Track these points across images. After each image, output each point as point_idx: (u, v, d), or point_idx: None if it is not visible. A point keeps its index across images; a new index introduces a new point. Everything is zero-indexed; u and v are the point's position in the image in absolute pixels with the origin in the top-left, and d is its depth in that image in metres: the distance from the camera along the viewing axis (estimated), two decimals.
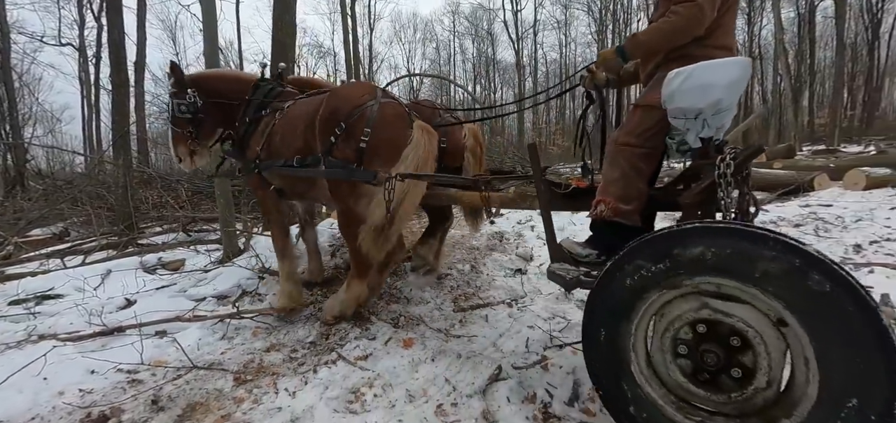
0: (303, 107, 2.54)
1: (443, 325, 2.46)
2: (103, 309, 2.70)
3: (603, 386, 1.32)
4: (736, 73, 1.38)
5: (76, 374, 1.70)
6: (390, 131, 2.16)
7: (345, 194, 2.25)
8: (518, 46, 26.73)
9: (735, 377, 1.17)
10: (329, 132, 2.21)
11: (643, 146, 1.57)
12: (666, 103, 1.46)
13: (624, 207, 1.56)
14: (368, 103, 2.21)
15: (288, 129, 2.51)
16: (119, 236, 5.47)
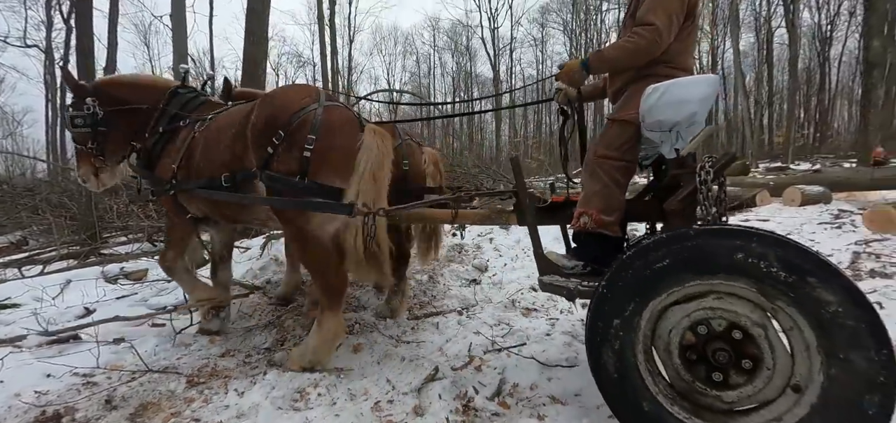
0: (229, 116, 2.24)
1: (395, 332, 2.62)
2: (61, 318, 2.75)
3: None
4: (706, 89, 1.55)
5: (32, 377, 1.79)
6: (339, 138, 1.90)
7: (294, 214, 1.96)
8: (495, 62, 27.40)
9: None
10: (265, 142, 1.91)
11: (621, 159, 1.69)
12: (644, 117, 1.59)
13: (606, 218, 1.66)
14: (310, 107, 1.93)
15: (211, 141, 2.21)
16: (81, 246, 5.42)
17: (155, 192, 2.52)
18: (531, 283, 3.40)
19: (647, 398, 1.35)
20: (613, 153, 1.70)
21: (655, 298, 1.33)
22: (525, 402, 1.69)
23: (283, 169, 1.89)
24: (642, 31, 1.62)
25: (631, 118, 1.67)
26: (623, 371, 1.36)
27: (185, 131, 2.41)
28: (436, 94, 33.06)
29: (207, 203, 2.29)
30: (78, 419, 1.56)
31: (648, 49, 1.62)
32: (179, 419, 1.58)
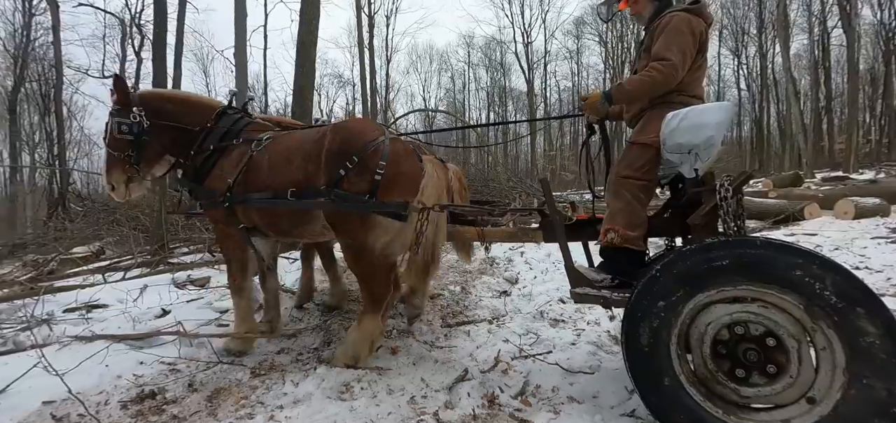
0: (298, 139, 2.46)
1: (429, 338, 2.84)
2: (143, 317, 3.20)
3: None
4: (722, 115, 1.70)
5: (129, 364, 2.16)
6: (406, 165, 2.20)
7: (356, 227, 2.17)
8: (530, 76, 27.46)
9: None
10: (338, 166, 2.16)
11: (643, 179, 1.85)
12: (665, 140, 1.74)
13: (631, 233, 1.80)
14: (380, 139, 2.21)
15: (279, 161, 2.40)
16: (152, 255, 6.08)
17: (204, 205, 2.67)
18: (560, 295, 3.52)
19: (669, 374, 1.46)
20: (635, 173, 1.85)
21: (704, 292, 1.43)
22: (545, 401, 1.85)
23: (353, 189, 2.13)
24: (660, 66, 1.78)
25: (650, 141, 1.82)
26: (654, 346, 1.47)
27: (239, 150, 2.56)
28: (470, 108, 33.53)
29: (263, 215, 2.45)
30: (168, 398, 1.89)
31: (665, 83, 1.80)
32: (247, 401, 1.87)
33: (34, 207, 17.98)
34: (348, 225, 2.20)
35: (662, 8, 1.98)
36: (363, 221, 2.16)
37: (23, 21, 16.53)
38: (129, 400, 1.85)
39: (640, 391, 1.50)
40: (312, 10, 5.51)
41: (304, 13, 5.52)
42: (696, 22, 1.86)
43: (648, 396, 1.49)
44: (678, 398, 1.44)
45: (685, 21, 1.84)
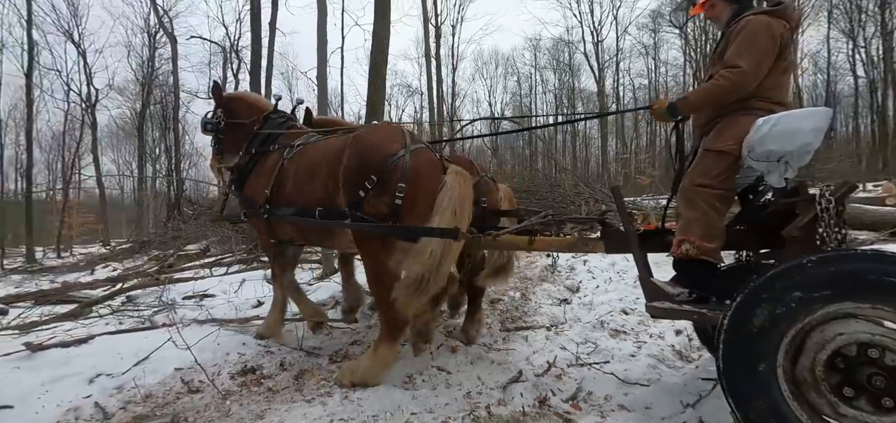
0: (320, 152, 2.33)
1: (487, 341, 2.97)
2: (243, 306, 3.74)
3: None
4: (821, 121, 1.59)
5: (235, 344, 2.59)
6: (427, 183, 2.02)
7: (377, 249, 2.08)
8: (600, 76, 26.29)
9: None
10: (357, 186, 2.02)
11: (719, 188, 1.76)
12: (755, 147, 1.63)
13: (708, 244, 1.71)
14: (400, 154, 2.02)
15: (304, 176, 2.33)
16: (248, 253, 6.95)
17: (247, 214, 2.71)
18: (623, 306, 3.45)
19: (769, 363, 1.38)
20: (711, 182, 1.77)
21: (856, 302, 1.31)
22: (596, 408, 1.90)
23: (374, 212, 2.01)
24: (728, 74, 1.71)
25: (728, 149, 1.74)
26: (766, 331, 1.38)
27: (274, 156, 2.57)
28: (537, 111, 32.93)
29: (295, 228, 2.48)
30: (264, 374, 2.27)
31: (734, 90, 1.72)
32: (326, 382, 2.16)
33: (156, 211, 21.27)
34: (372, 246, 2.10)
35: (741, 10, 1.87)
36: (385, 242, 2.07)
37: (148, 54, 19.72)
38: (235, 373, 2.25)
39: (728, 370, 1.42)
40: (383, 31, 5.93)
41: (376, 34, 5.95)
42: (777, 24, 1.75)
43: (736, 378, 1.41)
44: (768, 390, 1.37)
45: (762, 24, 1.73)
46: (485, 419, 1.79)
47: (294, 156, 2.45)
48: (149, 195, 22.52)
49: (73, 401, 1.93)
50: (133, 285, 5.07)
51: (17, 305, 4.63)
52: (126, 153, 29.22)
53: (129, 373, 2.17)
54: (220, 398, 1.99)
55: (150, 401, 1.98)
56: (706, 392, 1.88)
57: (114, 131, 27.29)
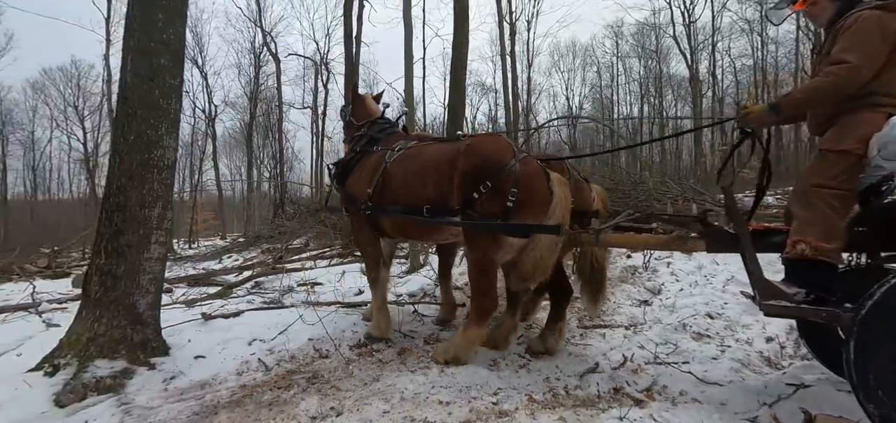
0: (430, 157, 2.59)
1: (565, 336, 3.17)
2: (347, 293, 4.38)
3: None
4: None
5: (347, 324, 3.15)
6: (537, 190, 2.32)
7: (487, 243, 2.36)
8: (692, 60, 23.99)
9: None
10: (472, 188, 2.32)
11: (839, 188, 1.72)
12: (888, 145, 1.60)
13: (827, 245, 1.69)
14: (512, 163, 2.31)
15: (413, 178, 2.58)
16: (343, 248, 7.83)
17: (348, 209, 2.93)
18: (708, 310, 3.40)
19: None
20: (831, 182, 1.73)
21: None
22: (668, 400, 2.03)
23: (485, 212, 2.31)
24: (835, 70, 1.67)
25: (851, 148, 1.70)
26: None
27: (376, 158, 2.82)
28: (618, 104, 31.09)
29: (395, 224, 2.75)
30: (373, 349, 2.75)
31: (842, 87, 1.67)
32: (424, 358, 2.57)
33: (263, 209, 24.30)
34: (480, 241, 2.39)
35: (845, 8, 1.79)
36: (494, 239, 2.35)
37: (254, 72, 22.59)
38: (352, 345, 2.77)
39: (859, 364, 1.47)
40: (462, 40, 6.30)
41: (456, 45, 6.34)
42: (889, 19, 1.67)
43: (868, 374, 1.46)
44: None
45: (872, 19, 1.67)
46: (563, 397, 2.04)
47: (397, 159, 2.72)
48: (256, 196, 25.81)
49: (241, 356, 2.58)
50: (258, 273, 6.09)
51: (178, 285, 5.87)
52: (237, 159, 33.67)
53: (275, 340, 2.80)
54: (344, 363, 2.50)
55: (294, 361, 2.56)
56: (787, 395, 1.92)
57: (227, 141, 31.66)
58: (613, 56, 30.59)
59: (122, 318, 2.32)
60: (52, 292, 5.59)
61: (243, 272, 6.49)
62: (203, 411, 2.02)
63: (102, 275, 2.32)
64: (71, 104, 25.76)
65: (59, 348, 2.29)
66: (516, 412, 1.84)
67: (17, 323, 4.03)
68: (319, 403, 2.02)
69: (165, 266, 2.70)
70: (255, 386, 2.25)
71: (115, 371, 2.18)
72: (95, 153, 24.88)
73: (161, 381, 2.27)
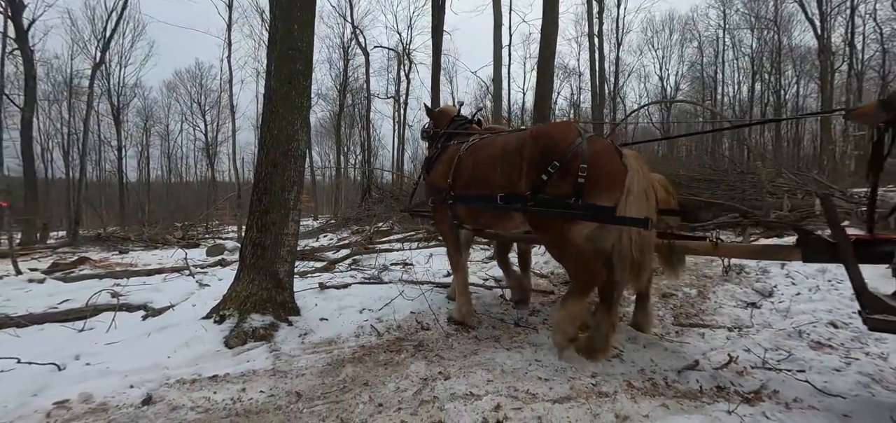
0: (497, 146, 2.69)
1: (659, 331, 3.10)
2: (437, 274, 4.70)
3: None
4: None
5: (441, 300, 3.46)
6: (607, 165, 2.28)
7: (555, 226, 2.38)
8: (823, 28, 20.43)
9: None
10: (541, 171, 2.33)
11: None
12: None
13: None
14: (577, 141, 2.31)
15: (485, 166, 2.68)
16: (427, 233, 8.25)
17: (434, 201, 3.10)
18: (832, 318, 3.07)
19: None
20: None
21: None
22: (781, 406, 1.93)
23: (556, 193, 2.31)
24: None
25: None
26: None
27: (452, 149, 3.02)
28: (724, 82, 27.71)
29: (467, 212, 2.86)
30: (469, 326, 2.98)
31: None
32: (518, 339, 2.74)
33: (349, 194, 26.23)
34: (548, 223, 2.40)
35: None
36: (564, 222, 2.34)
37: (343, 65, 24.23)
38: (450, 321, 3.03)
39: None
40: (551, 28, 6.21)
41: (545, 32, 6.27)
42: None
43: None
44: None
45: None
46: (663, 387, 2.06)
47: (468, 150, 2.88)
48: (343, 181, 27.94)
49: (356, 321, 2.99)
50: (354, 252, 6.74)
51: None
52: (326, 147, 36.59)
53: (382, 310, 3.18)
54: (444, 336, 2.78)
55: (401, 330, 2.90)
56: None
57: (318, 130, 34.51)
58: (719, 28, 27.27)
59: (269, 281, 2.83)
60: (193, 259, 6.80)
61: (340, 251, 7.21)
62: (333, 363, 2.42)
63: (254, 246, 2.85)
64: (195, 101, 30.08)
65: (223, 302, 2.88)
66: (616, 395, 1.92)
67: (177, 281, 5.01)
68: (427, 367, 2.30)
69: (298, 241, 3.19)
70: (371, 348, 2.61)
71: (266, 324, 2.69)
72: (214, 142, 28.85)
73: (297, 335, 2.75)
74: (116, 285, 4.58)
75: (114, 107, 24.17)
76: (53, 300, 3.93)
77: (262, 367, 2.36)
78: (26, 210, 12.68)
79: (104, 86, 23.14)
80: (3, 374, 2.24)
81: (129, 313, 3.40)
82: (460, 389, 2.03)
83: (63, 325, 3.15)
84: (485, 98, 22.81)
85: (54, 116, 24.57)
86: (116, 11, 16.50)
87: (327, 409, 1.93)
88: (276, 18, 2.90)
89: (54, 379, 2.19)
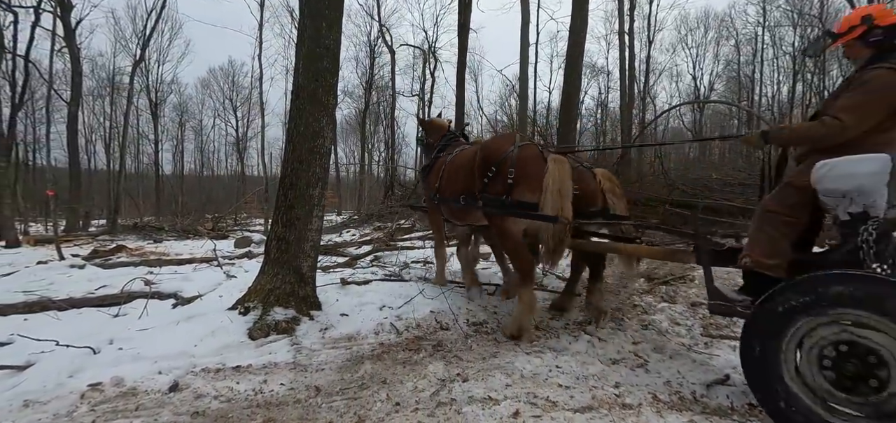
0: (461, 157, 3.37)
1: (687, 341, 2.98)
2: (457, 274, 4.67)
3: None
4: (874, 166, 1.74)
5: (461, 301, 3.42)
6: (530, 168, 2.75)
7: (500, 222, 2.89)
8: None
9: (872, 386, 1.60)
10: (483, 175, 2.91)
11: (788, 215, 1.96)
12: (817, 185, 1.85)
13: (767, 261, 1.95)
14: (510, 150, 2.82)
15: (454, 174, 3.33)
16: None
17: (427, 200, 3.88)
18: None
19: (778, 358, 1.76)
20: (781, 209, 1.97)
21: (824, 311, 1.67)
22: None
23: (494, 192, 2.85)
24: (829, 122, 1.85)
25: (804, 184, 1.90)
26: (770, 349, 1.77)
27: (441, 160, 3.67)
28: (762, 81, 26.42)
29: (448, 209, 3.51)
30: (488, 329, 2.95)
31: (827, 138, 1.86)
32: (538, 343, 2.69)
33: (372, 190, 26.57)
34: (493, 218, 2.95)
35: (875, 59, 1.90)
36: (505, 216, 2.83)
37: (369, 63, 24.47)
38: (469, 322, 3.00)
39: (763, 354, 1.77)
40: (579, 25, 6.07)
41: (573, 30, 6.13)
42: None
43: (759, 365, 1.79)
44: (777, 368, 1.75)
45: (887, 87, 1.79)
46: (690, 401, 1.97)
47: (450, 160, 3.50)
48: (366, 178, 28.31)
49: (376, 318, 3.00)
50: (376, 248, 6.80)
51: None
52: (351, 143, 37.14)
53: (402, 308, 3.18)
54: (463, 337, 2.75)
55: (420, 329, 2.90)
56: None
57: (343, 127, 35.06)
58: (758, 26, 26.01)
59: (292, 276, 2.88)
60: (222, 250, 7.01)
61: (362, 247, 7.29)
62: (352, 358, 2.43)
63: (279, 240, 2.90)
64: (227, 97, 31.06)
65: (248, 294, 2.95)
66: (641, 408, 1.85)
67: (206, 271, 5.18)
68: (445, 368, 2.28)
69: (321, 236, 3.23)
70: (390, 345, 2.61)
71: (288, 317, 2.74)
72: (245, 137, 29.74)
73: (318, 330, 2.78)
74: (150, 273, 4.78)
75: (152, 102, 25.22)
76: (92, 286, 4.13)
77: (283, 360, 2.40)
78: (70, 199, 13.43)
79: (143, 82, 24.16)
80: (43, 355, 2.36)
81: (160, 301, 3.54)
82: (478, 392, 2.01)
83: (99, 309, 3.30)
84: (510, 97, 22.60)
85: (98, 111, 25.91)
86: (156, 11, 17.20)
87: (345, 405, 1.94)
88: (305, 17, 2.94)
89: (89, 362, 2.29)
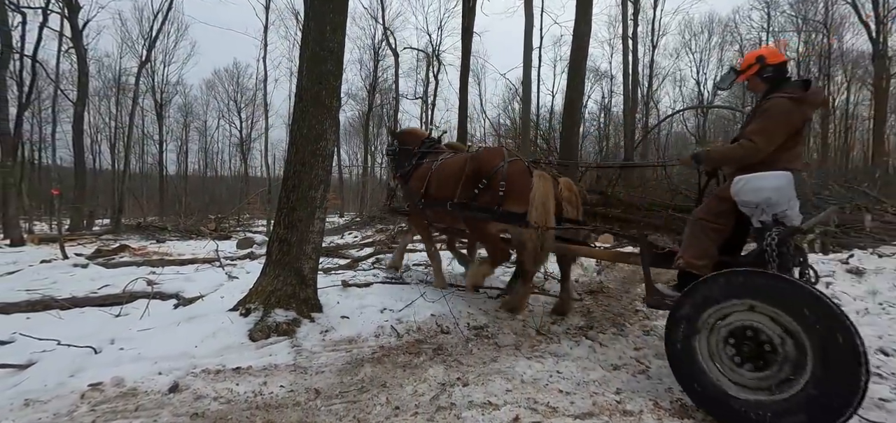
0: (450, 165, 3.59)
1: None
2: (461, 279, 4.66)
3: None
4: (777, 182, 2.06)
5: (463, 305, 3.40)
6: (519, 182, 3.08)
7: (482, 225, 3.30)
8: (878, 31, 19.07)
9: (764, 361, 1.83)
10: (473, 185, 3.23)
11: (714, 223, 2.28)
12: (736, 197, 2.17)
13: (697, 262, 2.24)
14: (501, 165, 3.16)
15: (442, 181, 3.56)
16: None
17: (409, 205, 4.12)
18: (882, 345, 2.85)
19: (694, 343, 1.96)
20: (708, 217, 2.29)
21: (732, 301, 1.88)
22: None
23: (484, 202, 3.20)
24: (745, 144, 2.15)
25: (726, 195, 2.24)
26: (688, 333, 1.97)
27: (426, 167, 3.88)
28: None
29: (434, 214, 3.77)
30: (490, 333, 2.94)
31: (746, 158, 2.15)
32: (539, 348, 2.67)
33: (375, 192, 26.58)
34: (475, 222, 3.35)
35: (772, 90, 2.23)
36: (485, 223, 3.22)
37: (373, 66, 24.53)
38: (470, 326, 2.99)
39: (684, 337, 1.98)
40: (583, 29, 6.07)
41: (577, 34, 6.13)
42: (797, 113, 2.11)
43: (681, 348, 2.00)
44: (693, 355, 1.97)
45: (783, 110, 2.09)
46: (692, 409, 1.95)
47: (437, 168, 3.73)
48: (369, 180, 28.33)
49: (376, 321, 2.99)
50: (378, 250, 6.79)
51: None
52: (354, 146, 37.16)
53: (403, 311, 3.17)
54: (463, 341, 2.74)
55: (420, 332, 2.89)
56: None
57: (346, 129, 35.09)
58: (762, 31, 25.95)
59: (293, 278, 2.88)
60: (224, 250, 7.02)
61: (364, 249, 7.29)
62: (352, 361, 2.43)
63: (281, 242, 2.90)
64: (232, 98, 31.18)
65: (249, 296, 2.95)
66: (642, 415, 1.84)
67: (208, 272, 5.19)
68: (445, 372, 2.27)
69: (323, 238, 3.23)
70: (391, 349, 2.60)
71: (289, 319, 2.74)
72: (248, 139, 29.83)
73: (319, 332, 2.78)
74: (152, 273, 4.79)
75: (157, 103, 25.36)
76: (94, 285, 4.15)
77: (283, 362, 2.40)
78: (75, 198, 13.49)
79: (149, 83, 24.30)
80: (44, 354, 2.36)
81: (161, 301, 3.54)
82: (478, 397, 1.99)
83: (101, 309, 3.31)
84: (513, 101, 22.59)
85: (103, 111, 26.05)
86: (162, 13, 17.32)
87: (344, 408, 1.94)
88: (310, 19, 2.94)
89: (90, 362, 2.29)
